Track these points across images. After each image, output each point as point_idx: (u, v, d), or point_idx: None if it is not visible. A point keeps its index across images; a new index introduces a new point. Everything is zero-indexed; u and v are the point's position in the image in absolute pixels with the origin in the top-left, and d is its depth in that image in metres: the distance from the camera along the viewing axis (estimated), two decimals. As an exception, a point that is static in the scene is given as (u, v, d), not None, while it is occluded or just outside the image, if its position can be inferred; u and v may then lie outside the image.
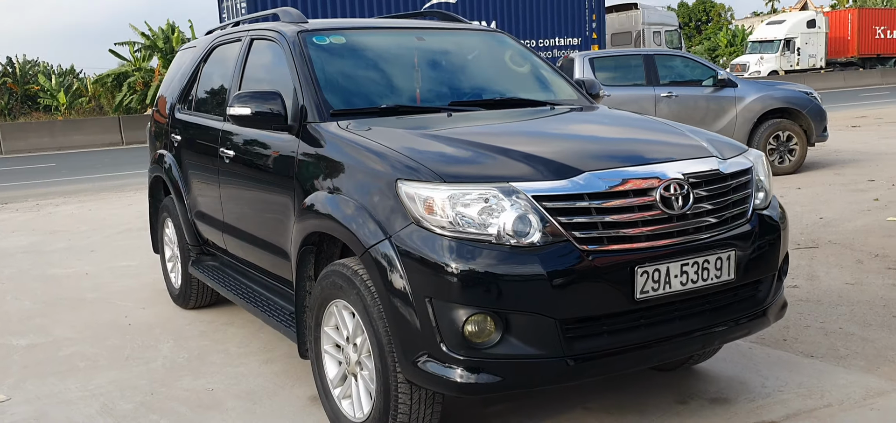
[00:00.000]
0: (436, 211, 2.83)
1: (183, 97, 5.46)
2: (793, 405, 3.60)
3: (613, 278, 2.79)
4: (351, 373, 3.34)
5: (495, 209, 2.79)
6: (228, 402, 3.94)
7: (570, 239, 2.77)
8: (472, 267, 2.74)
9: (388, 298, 2.92)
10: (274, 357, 4.53)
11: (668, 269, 2.88)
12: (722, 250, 3.01)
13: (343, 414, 3.39)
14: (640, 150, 3.21)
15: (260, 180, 4.07)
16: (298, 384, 4.11)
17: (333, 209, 3.24)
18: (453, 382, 2.81)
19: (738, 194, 3.16)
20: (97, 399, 4.05)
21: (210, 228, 4.93)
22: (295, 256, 3.60)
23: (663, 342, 2.96)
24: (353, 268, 3.17)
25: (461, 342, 2.77)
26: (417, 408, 3.05)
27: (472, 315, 2.74)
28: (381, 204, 3.02)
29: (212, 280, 4.89)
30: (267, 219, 4.04)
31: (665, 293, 2.88)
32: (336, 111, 3.71)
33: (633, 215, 2.87)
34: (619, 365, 2.94)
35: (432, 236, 2.82)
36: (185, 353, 4.69)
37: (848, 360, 4.15)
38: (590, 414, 3.59)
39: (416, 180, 2.91)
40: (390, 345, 2.98)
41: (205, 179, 4.89)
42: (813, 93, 10.98)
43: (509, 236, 2.76)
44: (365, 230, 3.03)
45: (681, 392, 3.78)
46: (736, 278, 3.06)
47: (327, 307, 3.40)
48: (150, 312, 5.58)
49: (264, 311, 4.15)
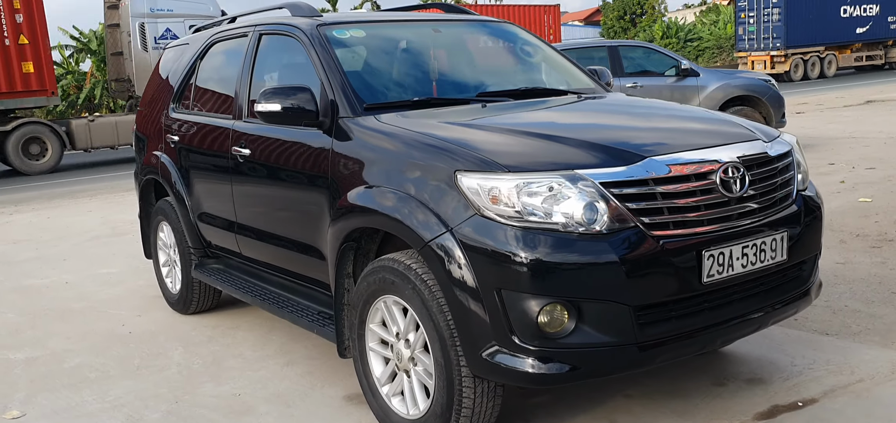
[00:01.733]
0: (501, 201, 2.81)
1: (177, 96, 5.31)
2: (827, 382, 3.69)
3: (682, 262, 2.82)
4: (403, 370, 3.29)
5: (563, 197, 2.78)
6: (260, 406, 3.85)
7: (639, 224, 2.78)
8: (545, 256, 2.73)
9: (452, 291, 2.88)
10: (294, 359, 4.44)
11: (732, 251, 2.92)
12: (776, 231, 3.06)
13: (394, 411, 3.34)
14: (692, 135, 3.24)
15: (285, 179, 3.98)
16: (328, 385, 4.04)
17: (382, 205, 3.19)
18: (525, 373, 2.80)
19: (784, 176, 3.22)
20: (120, 411, 3.91)
21: (218, 230, 4.80)
22: (334, 254, 3.53)
23: (725, 325, 3.00)
24: (405, 263, 3.12)
25: (535, 333, 2.75)
26: (481, 401, 3.03)
27: (546, 305, 2.73)
28: (438, 196, 2.98)
29: (222, 284, 4.76)
30: (293, 218, 3.96)
31: (728, 276, 2.92)
32: (369, 105, 3.65)
33: (696, 199, 2.89)
34: (686, 349, 2.97)
35: (499, 227, 2.79)
36: (198, 359, 4.56)
37: (862, 336, 4.28)
38: (632, 402, 3.62)
39: (478, 171, 2.88)
40: (454, 339, 2.94)
41: (212, 180, 4.76)
42: (771, 81, 11.29)
43: (578, 223, 2.75)
44: (422, 224, 2.99)
45: (715, 375, 3.84)
46: (788, 258, 3.12)
47: (373, 304, 3.34)
48: (148, 319, 5.41)
49: (291, 312, 4.06)
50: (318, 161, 3.67)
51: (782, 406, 3.49)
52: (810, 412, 3.43)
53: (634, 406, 3.57)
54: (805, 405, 3.50)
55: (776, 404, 3.52)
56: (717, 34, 46.73)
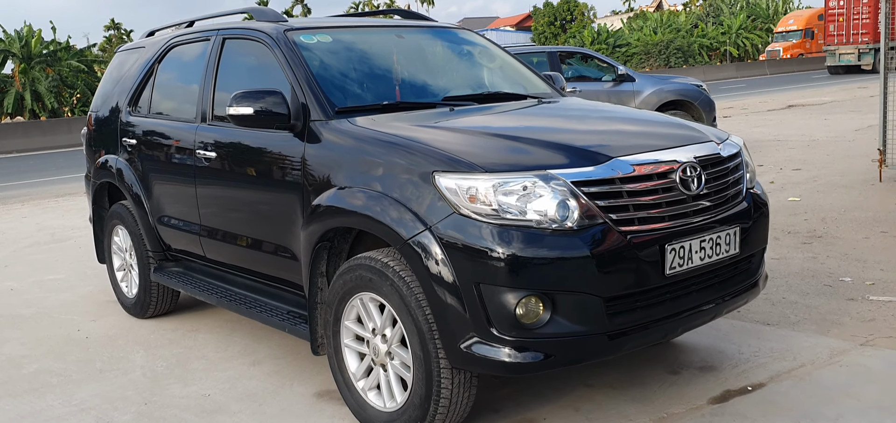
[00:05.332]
0: (479, 200, 2.96)
1: (133, 100, 5.29)
2: (773, 368, 3.96)
3: (647, 255, 3.01)
4: (379, 364, 3.40)
5: (536, 195, 2.94)
6: (232, 405, 3.91)
7: (607, 221, 2.97)
8: (521, 251, 2.89)
9: (432, 286, 3.01)
10: (260, 359, 4.50)
11: (691, 245, 3.13)
12: (729, 226, 3.29)
13: (370, 405, 3.45)
14: (651, 137, 3.45)
15: (254, 182, 4.04)
16: (298, 383, 4.12)
17: (360, 206, 3.30)
18: (502, 362, 2.95)
19: (735, 175, 3.46)
20: (88, 414, 3.91)
21: (180, 233, 4.81)
22: (308, 254, 3.62)
23: (685, 314, 3.21)
24: (382, 260, 3.24)
25: (512, 324, 2.91)
26: (458, 392, 3.17)
27: (523, 297, 2.89)
28: (416, 196, 3.11)
29: (184, 286, 4.78)
30: (263, 220, 4.03)
31: (688, 268, 3.14)
32: (341, 109, 3.75)
33: (658, 197, 3.10)
34: (650, 337, 3.17)
35: (477, 224, 2.94)
36: (162, 362, 4.57)
37: (800, 325, 4.58)
38: (594, 391, 3.81)
39: (455, 172, 3.03)
40: (432, 332, 3.07)
41: (174, 184, 4.78)
42: (703, 86, 11.76)
43: (551, 220, 2.92)
44: (401, 223, 3.11)
45: (669, 364, 4.07)
46: (740, 251, 3.35)
47: (349, 301, 3.45)
48: (104, 323, 5.37)
49: (260, 312, 4.12)
50: (290, 164, 3.75)
51: (733, 391, 3.73)
52: (759, 395, 3.68)
53: (596, 395, 3.76)
54: (754, 389, 3.75)
55: (728, 389, 3.76)
56: (644, 40, 47.99)
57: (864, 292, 5.14)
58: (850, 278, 5.44)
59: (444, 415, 3.18)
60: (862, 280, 5.40)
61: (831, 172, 9.51)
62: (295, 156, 3.72)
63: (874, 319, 4.59)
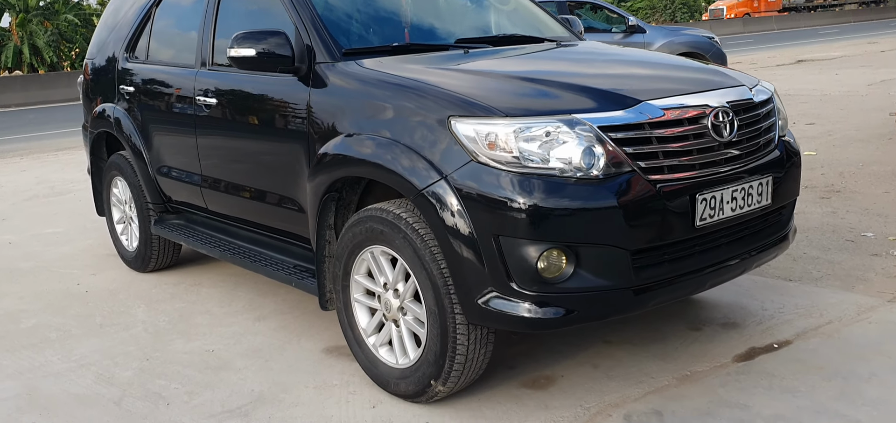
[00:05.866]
0: (499, 147, 2.77)
1: (130, 46, 5.09)
2: (799, 325, 3.80)
3: (677, 206, 2.84)
4: (391, 320, 3.25)
5: (561, 142, 2.76)
6: (237, 361, 3.76)
7: (636, 169, 2.79)
8: (544, 202, 2.71)
9: (448, 239, 2.85)
10: (265, 314, 4.35)
11: (722, 195, 2.95)
12: (762, 175, 3.11)
13: (381, 361, 3.30)
14: (682, 81, 3.25)
15: (256, 129, 3.86)
16: (305, 338, 3.97)
17: (371, 154, 3.12)
18: (521, 318, 2.79)
19: (768, 122, 3.26)
20: (88, 370, 3.77)
21: (180, 184, 4.64)
22: (315, 206, 3.45)
23: (714, 268, 3.04)
24: (394, 212, 3.07)
25: (533, 278, 2.74)
26: (474, 348, 3.02)
27: (545, 251, 2.72)
28: (430, 143, 2.93)
29: (186, 239, 4.62)
30: (267, 170, 3.85)
31: (719, 220, 2.96)
32: (348, 51, 3.55)
33: (689, 143, 2.91)
34: (678, 293, 3.00)
35: (496, 173, 2.76)
36: (164, 317, 4.42)
37: (824, 281, 4.42)
38: (613, 347, 3.66)
39: (473, 117, 2.84)
40: (448, 287, 2.91)
41: (173, 133, 4.60)
42: (715, 38, 11.50)
43: (576, 168, 2.74)
44: (415, 172, 2.93)
45: (690, 320, 3.91)
46: (772, 203, 3.18)
47: (359, 255, 3.28)
48: (104, 277, 5.22)
49: (265, 266, 3.97)
50: (295, 110, 3.56)
51: (759, 348, 3.58)
52: (786, 352, 3.53)
53: (615, 352, 3.61)
54: (780, 346, 3.60)
55: (753, 346, 3.60)
56: (652, -6, 47.26)
57: (887, 247, 4.97)
58: (872, 234, 5.27)
59: (459, 372, 3.03)
60: (884, 235, 5.23)
61: (846, 127, 9.30)
62: (299, 101, 3.53)
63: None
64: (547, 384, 3.35)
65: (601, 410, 3.12)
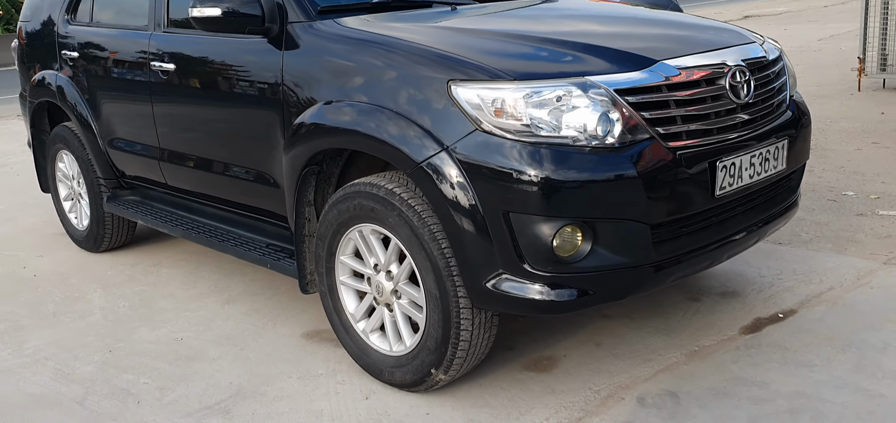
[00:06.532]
0: (507, 114, 2.52)
1: (71, 7, 4.66)
2: (800, 292, 3.67)
3: (697, 174, 2.63)
4: (383, 304, 2.99)
5: (574, 107, 2.52)
6: (209, 350, 3.47)
7: (654, 135, 2.56)
8: (558, 175, 2.47)
9: (450, 217, 2.59)
10: (234, 297, 4.05)
11: (741, 161, 2.76)
12: (777, 138, 2.93)
13: (373, 349, 3.05)
14: (695, 39, 3.02)
15: (222, 98, 3.52)
16: (280, 323, 3.69)
17: (357, 123, 2.83)
18: (532, 301, 2.57)
19: (780, 81, 3.08)
20: (44, 365, 3.43)
21: (135, 157, 4.28)
22: (293, 181, 3.15)
23: (730, 239, 2.86)
24: (387, 187, 2.80)
25: (547, 258, 2.51)
26: (478, 333, 2.78)
27: (561, 228, 2.49)
28: (426, 110, 2.66)
29: (143, 217, 4.27)
30: (235, 141, 3.53)
31: (737, 188, 2.77)
32: (324, 8, 3.24)
33: (707, 106, 2.70)
34: (696, 267, 2.80)
35: (504, 143, 2.51)
36: (123, 301, 4.08)
37: (815, 244, 4.30)
38: (613, 322, 3.48)
39: (476, 81, 2.58)
40: (450, 269, 2.67)
41: (125, 101, 4.22)
42: (672, -5, 11.35)
43: (591, 135, 2.50)
44: (408, 142, 2.67)
45: (688, 291, 3.74)
46: (786, 167, 3.00)
47: (345, 234, 3.01)
48: (53, 259, 4.83)
49: (235, 246, 3.66)
50: (266, 76, 3.24)
51: (764, 319, 3.43)
52: (793, 322, 3.39)
53: (617, 327, 3.43)
54: (785, 316, 3.45)
55: (758, 317, 3.46)
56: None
57: (871, 206, 4.89)
58: (852, 192, 5.19)
59: (462, 359, 2.80)
60: (866, 194, 5.15)
61: (806, 83, 9.25)
62: (271, 66, 3.21)
63: (890, 235, 4.34)
64: (550, 366, 3.14)
65: (612, 392, 2.93)
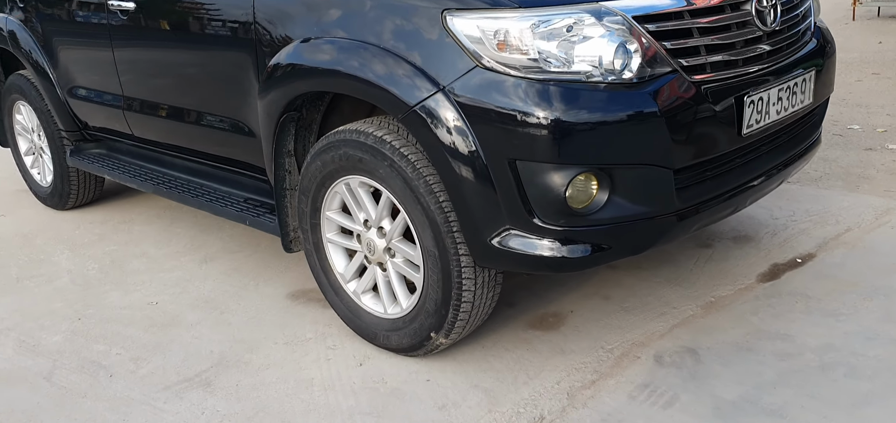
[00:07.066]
0: (512, 48, 2.24)
1: (23, -58, 4.26)
2: (817, 235, 3.45)
3: (723, 111, 2.37)
4: (376, 263, 2.73)
5: (587, 37, 2.23)
6: (187, 315, 3.20)
7: (677, 68, 2.29)
8: (571, 115, 2.20)
9: (449, 166, 2.32)
10: (212, 254, 3.77)
11: (769, 96, 2.50)
12: (804, 70, 2.67)
13: (366, 311, 2.80)
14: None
15: (188, 39, 3.19)
16: (263, 282, 3.43)
17: (341, 63, 2.53)
18: (542, 258, 2.31)
19: (804, 6, 2.80)
20: (7, 337, 3.15)
21: (98, 107, 3.95)
22: (270, 129, 2.86)
23: (754, 181, 2.61)
24: (376, 134, 2.52)
25: (560, 210, 2.26)
26: (481, 293, 2.54)
27: (575, 176, 2.22)
28: (419, 45, 2.37)
29: (111, 172, 3.96)
30: (205, 87, 3.22)
31: (764, 125, 2.51)
32: (300, -65, 2.90)
33: (732, 34, 2.42)
34: (719, 213, 2.55)
35: (509, 81, 2.23)
36: (93, 263, 3.79)
37: (826, 181, 4.09)
38: (620, 273, 3.25)
39: (475, 10, 2.28)
40: (449, 225, 2.41)
41: (82, 46, 3.88)
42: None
43: (607, 70, 2.23)
44: (399, 83, 2.38)
45: (698, 237, 3.51)
46: (812, 101, 2.75)
47: (331, 187, 2.74)
48: (16, 219, 4.51)
49: (210, 202, 3.37)
50: (236, 12, 2.92)
51: (782, 265, 3.22)
52: (812, 268, 3.17)
53: (625, 279, 3.20)
54: (804, 261, 3.24)
55: (775, 263, 3.24)
56: None
57: (878, 140, 4.68)
58: (858, 126, 4.98)
59: (464, 321, 2.56)
60: (871, 127, 4.94)
61: (798, 12, 9.00)
62: (241, 2, 2.89)
63: (903, 170, 4.14)
64: (557, 323, 2.91)
65: (626, 351, 2.71)
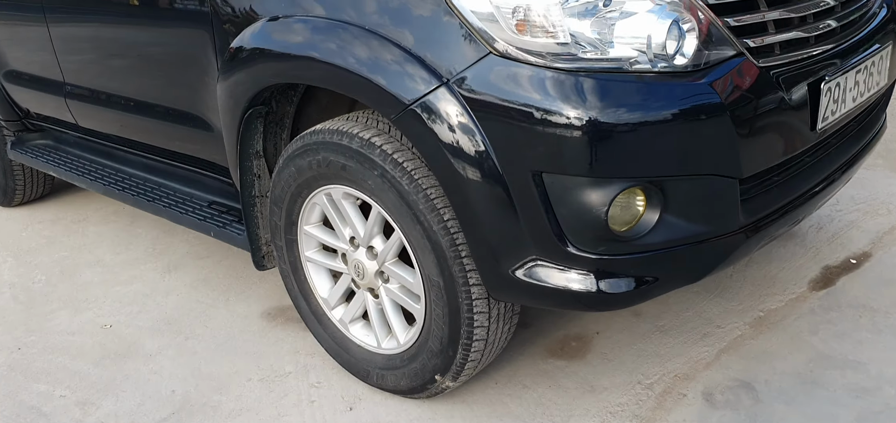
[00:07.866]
0: (535, 28, 1.75)
1: None
2: (869, 228, 3.02)
3: (797, 103, 1.90)
4: (367, 288, 2.27)
5: (630, 13, 1.75)
6: (146, 342, 2.73)
7: (744, 50, 1.82)
8: (613, 114, 1.72)
9: (457, 179, 1.85)
10: (175, 262, 3.29)
11: (846, 81, 2.04)
12: (880, 45, 2.20)
13: (355, 344, 2.34)
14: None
15: (134, 14, 2.68)
16: (235, 297, 2.96)
17: (314, 46, 2.04)
18: (573, 293, 1.85)
19: (874, -31, 2.33)
20: (-70, 376, 2.67)
21: (38, 93, 3.43)
22: (234, 124, 2.37)
23: (824, 183, 2.16)
24: (361, 136, 2.04)
25: (599, 235, 1.79)
26: (495, 328, 2.08)
27: (619, 192, 1.76)
28: (415, 25, 1.88)
29: (56, 168, 3.45)
30: (155, 71, 2.71)
31: (839, 116, 2.06)
32: None
33: (802, 7, 1.95)
34: (787, 223, 2.09)
35: (533, 72, 1.75)
36: (40, 275, 3.30)
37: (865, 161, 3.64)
38: (648, 278, 2.79)
39: (486, -19, 1.79)
40: (457, 250, 1.94)
41: (16, 25, 3.35)
42: None
43: (657, 55, 1.74)
44: (390, 74, 1.89)
45: (732, 229, 3.06)
46: (888, 81, 2.29)
47: (309, 198, 2.26)
48: (-46, 219, 4.00)
49: (167, 207, 2.88)
50: (193, -13, 2.41)
51: (835, 268, 2.78)
52: (870, 271, 2.75)
53: (654, 287, 2.74)
54: (859, 262, 2.81)
55: (826, 265, 2.81)
56: None
57: (915, 108, 4.23)
58: (890, 91, 4.52)
59: (475, 362, 2.11)
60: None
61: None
62: None
63: (951, 145, 3.70)
64: (582, 350, 2.46)
65: (668, 387, 2.27)
